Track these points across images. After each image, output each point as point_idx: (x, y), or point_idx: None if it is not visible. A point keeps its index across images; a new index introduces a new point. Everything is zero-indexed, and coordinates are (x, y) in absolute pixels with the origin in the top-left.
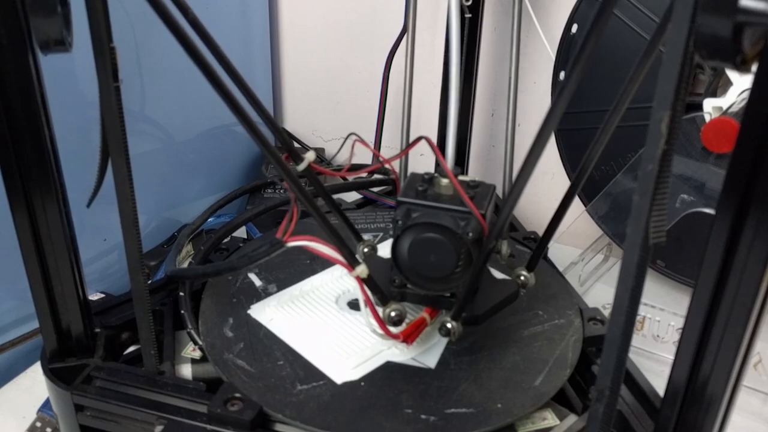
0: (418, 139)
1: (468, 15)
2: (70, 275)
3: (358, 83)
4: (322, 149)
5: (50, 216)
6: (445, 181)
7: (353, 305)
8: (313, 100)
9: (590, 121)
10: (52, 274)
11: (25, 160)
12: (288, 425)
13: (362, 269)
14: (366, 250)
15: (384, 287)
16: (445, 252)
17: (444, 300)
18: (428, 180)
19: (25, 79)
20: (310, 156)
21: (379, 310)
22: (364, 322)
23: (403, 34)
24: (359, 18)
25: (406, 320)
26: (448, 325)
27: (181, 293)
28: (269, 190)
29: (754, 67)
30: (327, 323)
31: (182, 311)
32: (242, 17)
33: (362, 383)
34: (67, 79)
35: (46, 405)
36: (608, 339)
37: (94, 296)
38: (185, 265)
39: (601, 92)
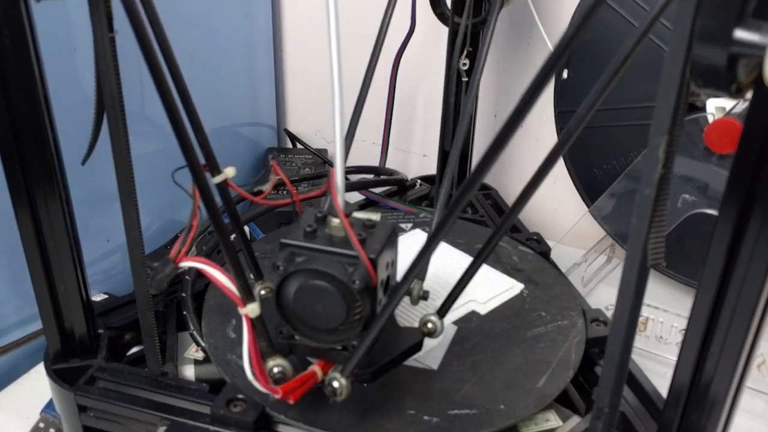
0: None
1: (465, 79)
2: (73, 276)
3: (360, 84)
4: (325, 150)
5: (53, 217)
6: (335, 221)
7: None
8: (315, 101)
9: (593, 119)
10: (55, 275)
11: (28, 161)
12: (291, 426)
13: (253, 308)
14: (263, 292)
15: (273, 336)
16: (333, 301)
17: (336, 353)
18: (320, 219)
19: (28, 78)
20: (228, 171)
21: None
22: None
23: (411, 35)
24: (363, 18)
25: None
26: (335, 384)
27: (184, 294)
28: (272, 191)
29: (749, 94)
30: None
31: (185, 312)
32: (245, 19)
33: (365, 384)
34: (70, 79)
35: (50, 406)
36: (608, 355)
37: (97, 297)
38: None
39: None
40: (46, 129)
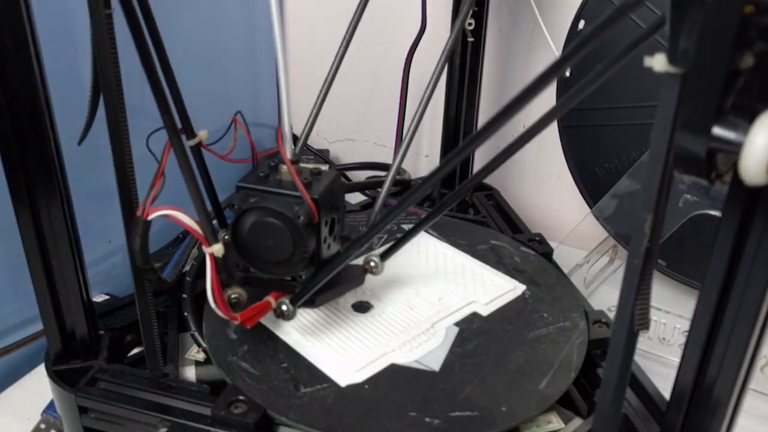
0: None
1: (471, 39)
2: (74, 277)
3: (362, 84)
4: (327, 150)
5: (54, 217)
6: (285, 168)
7: (357, 307)
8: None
9: (596, 118)
10: (56, 275)
11: (28, 161)
12: (292, 428)
13: (218, 248)
14: (226, 237)
15: (231, 270)
16: (281, 236)
17: (286, 284)
18: (273, 167)
19: (28, 78)
20: (201, 134)
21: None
22: (368, 325)
23: (422, 34)
24: (366, 18)
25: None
26: (283, 307)
27: (185, 295)
28: None
29: (727, 178)
30: (331, 325)
31: (186, 313)
32: (248, 18)
33: (366, 386)
34: (71, 78)
35: (51, 407)
36: (610, 356)
37: (98, 298)
38: (188, 267)
39: (608, 89)
40: (47, 129)
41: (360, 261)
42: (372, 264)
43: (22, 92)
